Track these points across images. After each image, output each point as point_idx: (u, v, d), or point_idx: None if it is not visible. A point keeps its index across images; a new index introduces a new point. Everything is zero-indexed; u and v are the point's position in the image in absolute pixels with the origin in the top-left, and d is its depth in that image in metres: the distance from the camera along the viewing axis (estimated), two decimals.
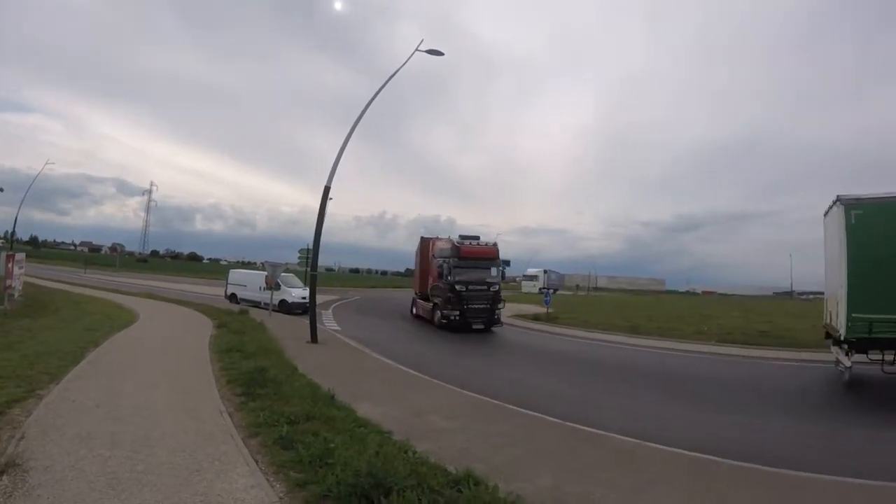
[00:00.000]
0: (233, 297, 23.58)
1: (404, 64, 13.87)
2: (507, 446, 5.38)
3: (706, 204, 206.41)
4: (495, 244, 19.71)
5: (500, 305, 18.71)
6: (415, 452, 4.55)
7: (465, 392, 8.08)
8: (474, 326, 17.78)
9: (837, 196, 10.37)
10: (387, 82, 13.92)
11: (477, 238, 19.50)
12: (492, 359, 13.65)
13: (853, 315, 9.65)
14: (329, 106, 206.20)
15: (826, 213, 11.61)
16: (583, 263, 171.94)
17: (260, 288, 19.68)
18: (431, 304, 19.34)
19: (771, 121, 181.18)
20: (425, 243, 21.79)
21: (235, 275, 25.28)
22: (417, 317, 21.64)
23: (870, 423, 7.62)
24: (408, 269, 67.45)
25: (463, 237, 19.21)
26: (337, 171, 13.42)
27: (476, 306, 17.93)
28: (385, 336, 16.21)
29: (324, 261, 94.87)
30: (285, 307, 20.60)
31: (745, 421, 7.62)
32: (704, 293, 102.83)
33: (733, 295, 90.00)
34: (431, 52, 13.73)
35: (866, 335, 9.51)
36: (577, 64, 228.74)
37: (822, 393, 10.37)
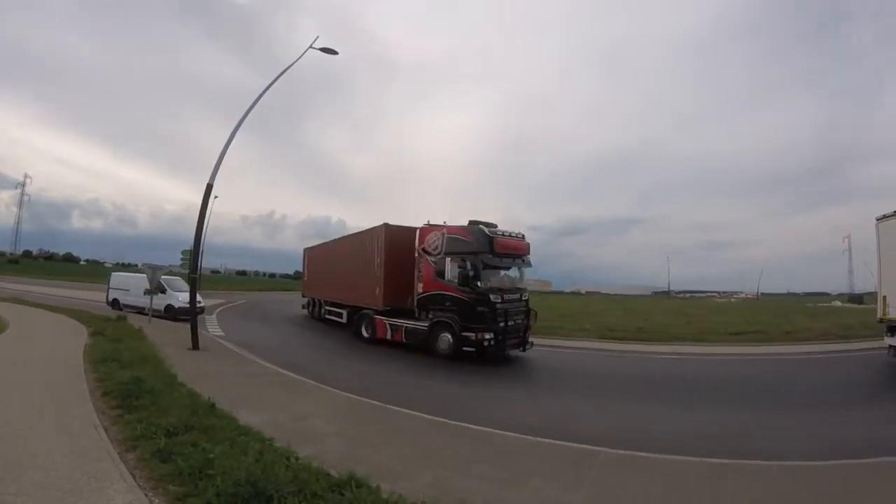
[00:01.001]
0: (115, 303, 21.61)
1: (296, 61, 13.43)
2: (388, 446, 5.54)
3: (592, 209, 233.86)
4: (523, 235, 14.36)
5: (532, 321, 13.98)
6: (297, 458, 4.57)
7: (346, 394, 8.18)
8: (509, 351, 13.26)
9: None
10: (277, 78, 13.44)
11: (495, 226, 13.64)
12: (376, 359, 13.19)
13: None
14: (222, 100, 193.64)
15: (881, 220, 12.70)
16: None
17: (144, 292, 18.14)
18: (429, 324, 13.40)
19: (654, 134, 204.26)
20: (395, 232, 15.00)
21: (118, 278, 23.09)
22: (378, 340, 15.07)
23: (747, 406, 8.83)
24: (296, 272, 64.65)
25: (485, 224, 13.33)
26: (226, 169, 12.73)
27: (513, 323, 13.01)
28: (271, 341, 15.69)
29: (209, 262, 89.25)
30: (171, 312, 19.05)
31: (629, 409, 8.55)
32: (589, 293, 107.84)
33: (616, 295, 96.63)
34: (325, 50, 13.29)
35: None
36: (477, 72, 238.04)
37: (693, 382, 11.39)
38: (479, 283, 12.50)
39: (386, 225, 15.21)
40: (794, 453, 5.83)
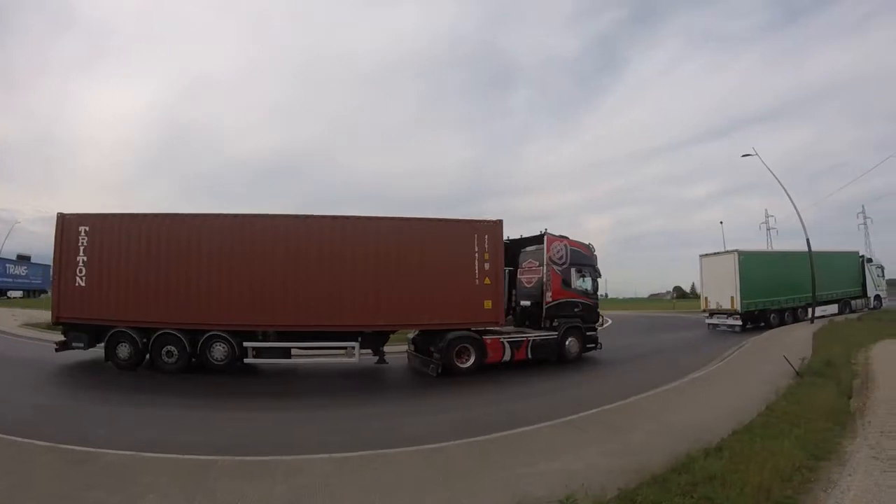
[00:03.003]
0: None
1: None
2: None
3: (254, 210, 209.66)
4: None
5: None
6: None
7: None
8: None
9: (736, 249, 23.25)
10: None
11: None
12: None
13: (744, 301, 22.23)
14: None
15: (707, 256, 24.62)
16: None
17: None
18: (561, 332, 13.33)
19: (325, 145, 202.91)
20: (477, 233, 12.35)
21: None
22: (491, 364, 12.22)
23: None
24: None
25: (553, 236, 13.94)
26: None
27: None
28: None
29: None
30: None
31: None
32: None
33: None
34: None
35: (753, 311, 22.60)
36: (155, 47, 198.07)
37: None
38: (597, 294, 14.71)
39: (499, 222, 12.60)
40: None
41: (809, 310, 22.80)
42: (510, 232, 13.95)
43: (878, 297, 29.71)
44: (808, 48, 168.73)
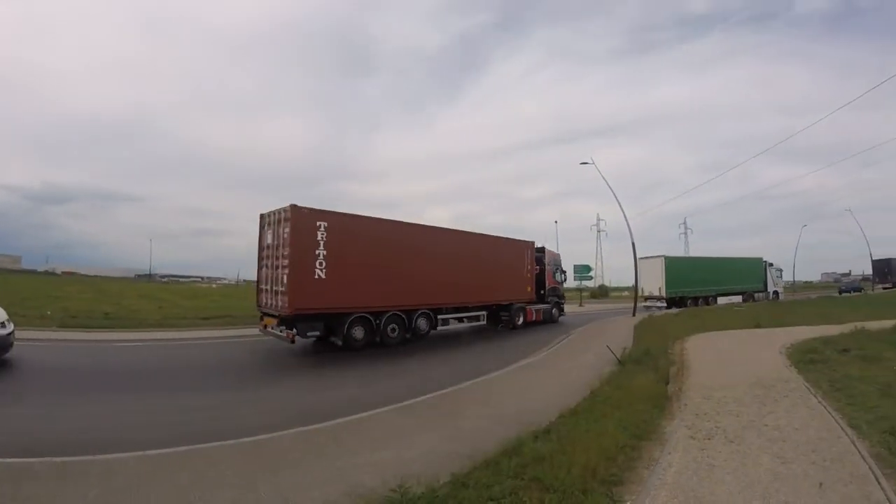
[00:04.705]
0: None
1: None
2: None
3: (82, 177, 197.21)
4: None
5: None
6: None
7: None
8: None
9: (663, 255, 32.02)
10: None
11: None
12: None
13: (668, 290, 30.66)
14: None
15: (643, 259, 29.43)
16: None
17: None
18: (552, 304, 21.85)
19: (158, 111, 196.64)
20: (523, 248, 20.19)
21: None
22: (528, 323, 19.81)
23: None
24: None
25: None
26: None
27: None
28: None
29: None
30: None
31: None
32: (65, 273, 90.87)
33: (97, 276, 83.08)
34: None
35: (674, 297, 31.00)
36: None
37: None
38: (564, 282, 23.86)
39: (533, 243, 20.74)
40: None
41: (719, 298, 33.28)
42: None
43: (776, 292, 38.93)
44: (653, 78, 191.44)
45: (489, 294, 17.62)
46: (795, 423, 5.48)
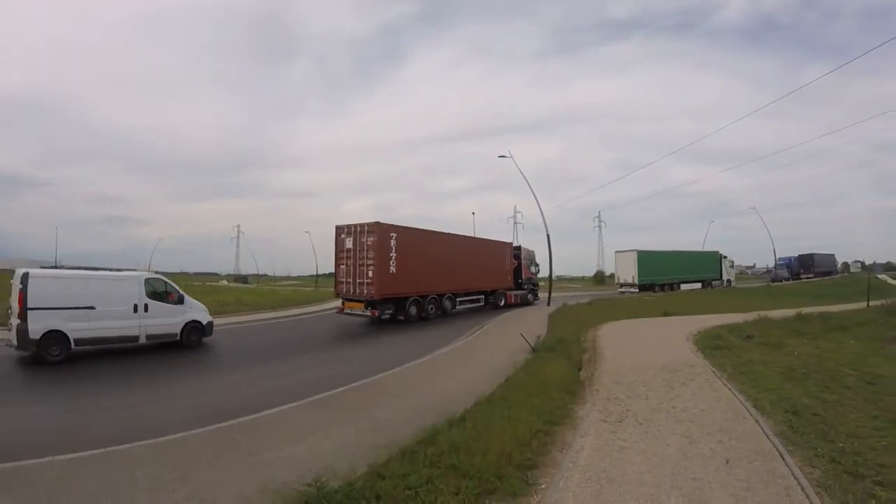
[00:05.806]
0: (48, 340, 9.92)
1: None
2: None
3: None
4: None
5: None
6: None
7: None
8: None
9: (636, 249, 36.95)
10: None
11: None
12: None
13: (640, 278, 35.87)
14: None
15: (619, 252, 38.26)
16: None
17: (135, 309, 11.05)
18: (528, 290, 26.74)
19: (71, 85, 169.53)
20: (504, 247, 25.78)
21: (48, 284, 10.30)
22: (508, 304, 24.20)
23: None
24: None
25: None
26: None
27: None
28: None
29: None
30: (198, 335, 12.15)
31: None
32: None
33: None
34: None
35: (645, 284, 35.82)
36: None
37: None
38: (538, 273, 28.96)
39: (511, 243, 27.83)
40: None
41: (682, 285, 39.12)
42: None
43: (728, 280, 44.60)
44: (574, 77, 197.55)
45: (486, 283, 23.07)
46: (702, 405, 5.86)
